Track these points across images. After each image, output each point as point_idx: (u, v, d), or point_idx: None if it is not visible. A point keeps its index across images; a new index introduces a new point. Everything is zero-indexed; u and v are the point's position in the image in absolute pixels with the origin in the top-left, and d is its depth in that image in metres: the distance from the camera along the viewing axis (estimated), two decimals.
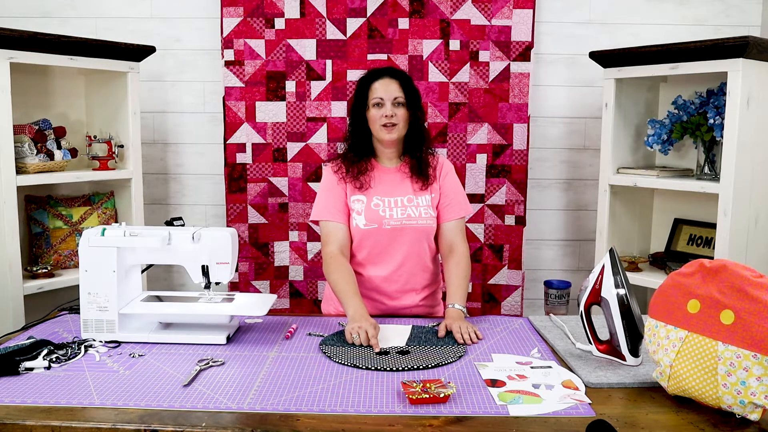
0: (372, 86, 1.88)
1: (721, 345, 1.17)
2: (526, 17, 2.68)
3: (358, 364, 1.42)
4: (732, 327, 1.16)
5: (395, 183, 1.91)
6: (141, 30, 2.80)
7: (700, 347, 1.21)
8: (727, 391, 1.16)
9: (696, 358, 1.21)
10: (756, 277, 1.17)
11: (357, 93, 1.92)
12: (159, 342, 1.60)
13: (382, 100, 1.86)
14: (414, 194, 1.90)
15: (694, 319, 1.22)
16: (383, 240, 1.87)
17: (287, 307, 2.85)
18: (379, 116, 1.85)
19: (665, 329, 1.28)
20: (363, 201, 1.89)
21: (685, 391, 1.25)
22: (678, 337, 1.25)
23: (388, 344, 1.56)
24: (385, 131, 1.86)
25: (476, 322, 1.79)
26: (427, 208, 1.90)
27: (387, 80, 1.88)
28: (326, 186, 1.94)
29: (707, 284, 1.22)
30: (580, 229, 2.91)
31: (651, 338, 1.32)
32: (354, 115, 1.94)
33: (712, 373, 1.18)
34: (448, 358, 1.47)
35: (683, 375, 1.23)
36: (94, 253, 1.59)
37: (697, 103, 2.37)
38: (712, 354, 1.18)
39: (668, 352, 1.26)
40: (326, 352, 1.52)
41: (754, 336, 1.13)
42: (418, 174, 1.90)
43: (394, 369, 1.41)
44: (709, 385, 1.19)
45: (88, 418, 1.19)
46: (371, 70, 1.95)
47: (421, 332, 1.66)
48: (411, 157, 1.93)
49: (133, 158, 2.53)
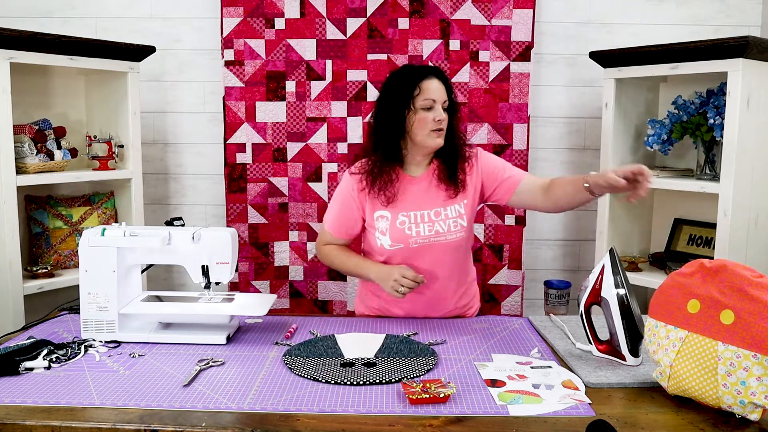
0: (421, 86, 1.71)
1: (721, 345, 1.17)
2: (526, 17, 2.68)
3: (318, 378, 1.35)
4: (732, 327, 1.16)
5: (421, 194, 1.79)
6: (141, 30, 2.80)
7: (700, 347, 1.21)
8: (727, 391, 1.17)
9: (696, 358, 1.21)
10: (756, 277, 1.17)
11: (397, 91, 1.73)
12: (159, 342, 1.60)
13: (434, 103, 1.71)
14: (442, 205, 1.79)
15: (694, 319, 1.23)
16: (410, 257, 1.78)
17: (287, 307, 2.85)
18: (430, 119, 1.70)
19: (665, 329, 1.28)
20: (388, 218, 1.78)
21: (685, 391, 1.24)
22: (678, 337, 1.25)
23: (355, 355, 1.49)
24: (434, 136, 1.72)
25: (476, 322, 1.79)
26: (456, 220, 1.78)
27: (436, 81, 1.73)
28: (341, 199, 1.85)
29: (707, 284, 1.22)
30: (580, 229, 2.91)
31: (651, 338, 1.32)
32: (389, 117, 1.74)
33: (712, 373, 1.18)
34: (416, 371, 1.39)
35: (683, 375, 1.23)
36: (94, 253, 1.59)
37: (697, 103, 2.37)
38: (712, 354, 1.18)
39: (668, 352, 1.26)
40: (288, 363, 1.44)
41: (755, 336, 1.13)
42: (448, 181, 1.78)
43: (355, 383, 1.33)
44: (709, 385, 1.19)
45: (88, 418, 1.19)
46: (414, 68, 1.77)
47: (394, 342, 1.58)
48: (442, 163, 1.79)
49: (133, 158, 2.53)
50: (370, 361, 1.45)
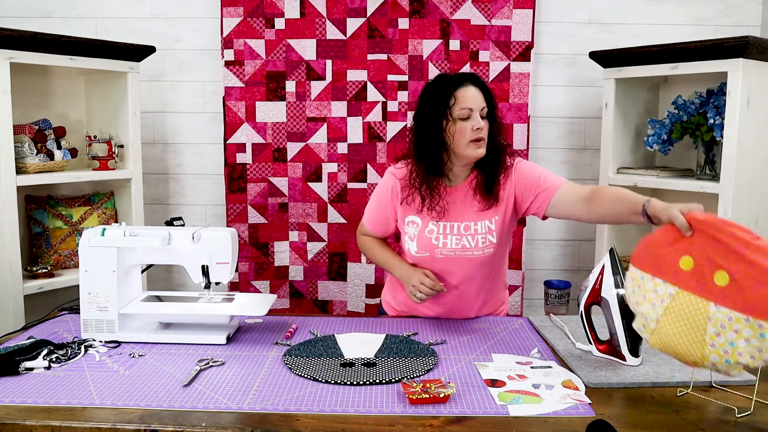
0: (456, 94, 1.65)
1: (713, 306, 1.16)
2: (526, 17, 2.68)
3: (318, 378, 1.35)
4: (726, 289, 1.15)
5: (455, 205, 1.74)
6: (141, 30, 2.80)
7: (690, 305, 1.19)
8: (714, 351, 1.16)
9: (685, 316, 1.20)
10: (754, 239, 1.14)
11: (433, 103, 1.67)
12: (159, 342, 1.60)
13: (471, 111, 1.64)
14: (474, 219, 1.73)
15: (687, 276, 1.20)
16: (436, 266, 1.76)
17: (287, 307, 2.85)
18: (468, 129, 1.64)
19: (653, 282, 1.25)
20: (418, 224, 1.76)
21: (667, 347, 1.23)
22: (667, 292, 1.23)
23: (355, 355, 1.49)
24: (474, 147, 1.65)
25: (476, 322, 1.79)
26: (485, 236, 1.73)
27: (472, 88, 1.66)
28: (378, 198, 1.85)
29: (703, 242, 1.19)
30: (580, 229, 2.90)
31: (635, 289, 1.28)
32: (428, 129, 1.68)
33: (700, 332, 1.18)
34: (416, 371, 1.39)
35: (669, 331, 1.22)
36: (94, 253, 1.59)
37: (697, 103, 2.37)
38: (703, 314, 1.17)
39: (656, 306, 1.24)
40: (288, 363, 1.44)
41: (748, 299, 1.12)
42: (484, 193, 1.72)
43: (355, 383, 1.34)
44: (695, 343, 1.18)
45: (88, 418, 1.19)
46: (450, 76, 1.70)
47: (394, 342, 1.58)
48: (481, 173, 1.73)
49: (133, 158, 2.53)
50: (370, 361, 1.45)
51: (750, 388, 1.30)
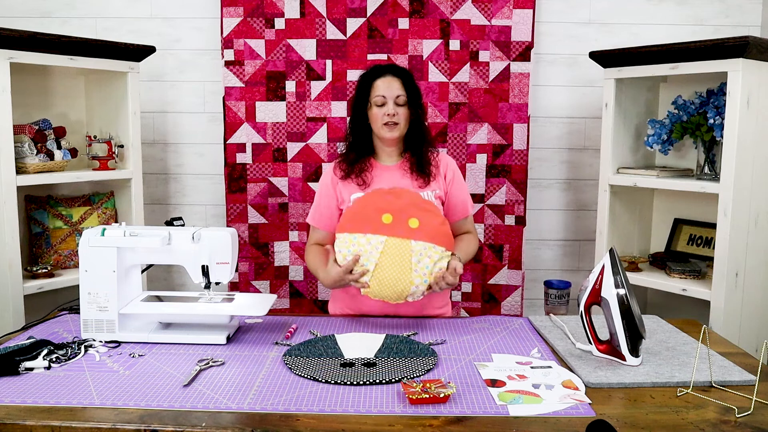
0: (374, 84, 1.89)
1: (413, 242, 1.65)
2: (526, 17, 2.68)
3: (318, 378, 1.36)
4: (418, 229, 1.66)
5: (395, 180, 1.91)
6: (141, 30, 2.80)
7: (398, 246, 1.65)
8: (417, 275, 1.64)
9: (395, 255, 1.64)
10: (423, 201, 1.74)
11: (358, 90, 1.93)
12: (159, 342, 1.60)
13: (384, 99, 1.86)
14: (415, 191, 1.88)
15: (389, 227, 1.66)
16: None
17: (287, 307, 2.85)
18: (381, 115, 1.86)
19: (365, 237, 1.66)
20: None
21: (384, 287, 1.64)
22: (379, 241, 1.65)
23: (355, 355, 1.50)
24: (386, 129, 1.87)
25: (476, 322, 1.79)
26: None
27: (389, 78, 1.89)
28: (321, 191, 1.97)
29: (394, 203, 1.69)
30: (580, 229, 2.91)
31: (350, 248, 1.66)
32: (355, 113, 1.94)
33: (407, 263, 1.64)
34: (416, 371, 1.40)
35: (384, 272, 1.63)
36: (94, 253, 1.59)
37: (697, 103, 2.37)
38: (407, 249, 1.64)
39: (372, 254, 1.65)
40: (288, 363, 1.44)
41: (432, 233, 1.66)
42: (419, 171, 1.91)
43: (355, 383, 1.34)
44: (404, 273, 1.63)
45: (88, 418, 1.19)
46: (372, 68, 1.95)
47: (394, 342, 1.58)
48: (412, 155, 1.93)
49: (133, 158, 2.53)
50: (370, 361, 1.46)
51: (750, 388, 1.30)
